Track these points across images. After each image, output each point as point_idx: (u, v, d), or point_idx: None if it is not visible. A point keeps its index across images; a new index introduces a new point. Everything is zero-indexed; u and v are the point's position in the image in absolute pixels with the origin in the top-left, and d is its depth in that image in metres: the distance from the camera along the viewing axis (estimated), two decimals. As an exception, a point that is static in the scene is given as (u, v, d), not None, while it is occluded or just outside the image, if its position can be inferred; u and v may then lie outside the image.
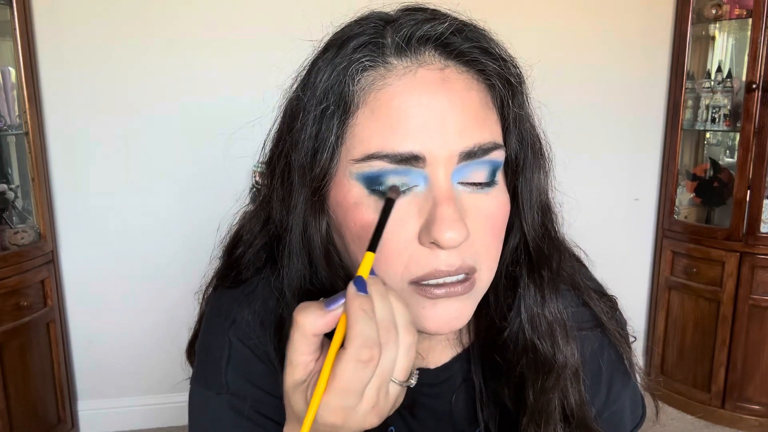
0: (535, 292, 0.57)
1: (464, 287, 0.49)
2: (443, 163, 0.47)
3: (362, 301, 0.42)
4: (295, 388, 0.43)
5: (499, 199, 0.51)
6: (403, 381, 0.45)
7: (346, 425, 0.43)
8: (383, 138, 0.47)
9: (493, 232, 0.51)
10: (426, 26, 0.49)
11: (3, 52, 2.01)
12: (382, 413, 0.44)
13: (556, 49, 2.37)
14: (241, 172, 2.05)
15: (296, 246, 0.53)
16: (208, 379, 0.59)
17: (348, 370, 0.41)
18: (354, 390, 0.41)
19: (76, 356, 2.25)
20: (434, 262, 0.48)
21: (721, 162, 2.51)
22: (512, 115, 0.52)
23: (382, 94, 0.47)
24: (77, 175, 2.15)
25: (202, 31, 2.14)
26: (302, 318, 0.42)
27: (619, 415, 0.65)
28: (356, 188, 0.49)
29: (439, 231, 0.46)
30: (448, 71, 0.49)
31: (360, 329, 0.41)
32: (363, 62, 0.48)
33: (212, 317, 0.61)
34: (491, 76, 0.50)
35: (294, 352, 0.43)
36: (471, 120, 0.48)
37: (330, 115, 0.48)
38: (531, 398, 0.57)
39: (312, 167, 0.50)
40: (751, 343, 2.27)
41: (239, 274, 0.61)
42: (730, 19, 2.34)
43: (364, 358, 0.41)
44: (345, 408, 0.42)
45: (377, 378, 0.42)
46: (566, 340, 0.57)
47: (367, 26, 0.50)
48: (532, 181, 0.55)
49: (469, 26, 0.51)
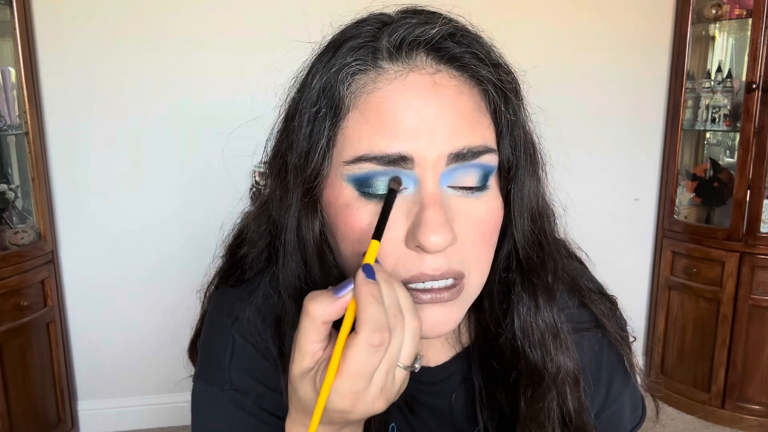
0: (528, 300, 0.57)
1: (451, 293, 0.49)
2: (431, 165, 0.47)
3: (371, 287, 0.42)
4: (302, 376, 0.44)
5: (490, 204, 0.51)
6: (408, 365, 0.45)
7: (355, 410, 0.43)
8: (372, 140, 0.47)
9: (483, 238, 0.51)
10: (418, 30, 0.49)
11: (3, 52, 2.01)
12: (389, 397, 0.45)
13: (556, 49, 2.38)
14: (240, 171, 2.05)
15: (291, 245, 0.53)
16: (211, 375, 0.59)
17: (360, 354, 0.41)
18: (364, 374, 0.42)
19: (76, 356, 2.25)
20: (420, 266, 0.48)
21: (721, 162, 2.51)
22: (505, 121, 0.52)
23: (372, 97, 0.48)
24: (77, 175, 2.15)
25: (203, 31, 2.14)
26: (312, 306, 0.43)
27: (618, 415, 0.65)
28: (347, 190, 0.49)
29: (423, 235, 0.46)
30: (439, 76, 0.48)
31: (371, 313, 0.41)
32: (354, 66, 0.48)
33: (215, 314, 0.61)
34: (484, 81, 0.50)
35: (303, 340, 0.43)
36: (461, 123, 0.48)
37: (322, 117, 0.49)
38: (523, 405, 0.57)
39: (305, 168, 0.50)
40: (751, 343, 2.27)
41: (243, 273, 0.61)
42: (730, 19, 2.34)
43: (375, 341, 0.41)
44: (355, 392, 0.42)
45: (386, 362, 0.43)
46: (559, 349, 0.57)
47: (364, 29, 0.50)
48: (524, 188, 0.54)
49: (461, 30, 0.50)
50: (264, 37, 2.12)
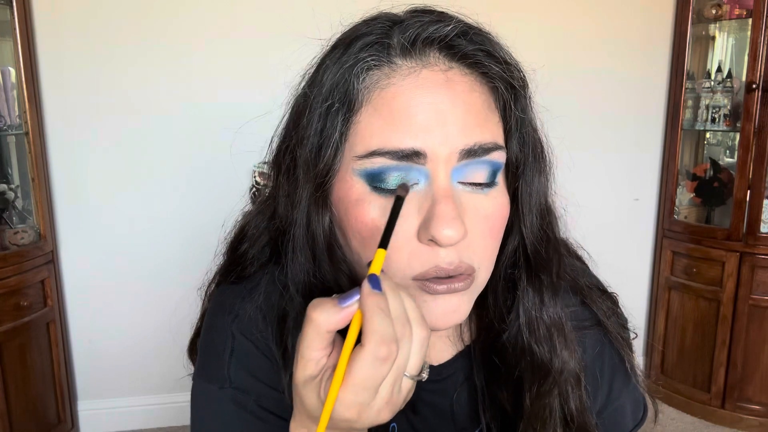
0: (533, 296, 0.57)
1: (465, 283, 0.50)
2: (444, 161, 0.48)
3: (377, 298, 0.42)
4: (306, 383, 0.43)
5: (498, 201, 0.51)
6: (416, 375, 0.45)
7: (361, 420, 0.43)
8: (385, 135, 0.47)
9: (491, 233, 0.51)
10: (431, 28, 0.49)
11: (3, 52, 2.01)
12: (395, 407, 0.45)
13: (556, 50, 2.38)
14: (241, 170, 2.05)
15: (300, 241, 0.53)
16: (211, 373, 0.59)
17: (365, 367, 0.41)
18: (370, 386, 0.42)
19: (76, 356, 2.25)
20: (434, 259, 0.48)
21: (721, 162, 2.51)
22: (514, 119, 0.53)
23: (386, 92, 0.48)
24: (77, 175, 2.15)
25: (202, 31, 2.14)
26: (316, 314, 0.42)
27: (620, 413, 0.65)
28: (359, 185, 0.49)
29: (437, 228, 0.46)
30: (452, 73, 0.49)
31: (377, 326, 0.41)
32: (368, 61, 0.49)
33: (215, 312, 0.61)
34: (494, 79, 0.51)
35: (306, 348, 0.43)
36: (472, 119, 0.49)
37: (335, 112, 0.49)
38: (527, 402, 0.58)
39: (316, 163, 0.50)
40: (751, 343, 2.27)
41: (243, 269, 0.61)
42: (730, 19, 2.34)
43: (381, 354, 0.41)
44: (360, 404, 0.42)
45: (392, 374, 0.43)
46: (564, 345, 0.58)
47: (375, 26, 0.51)
48: (532, 185, 0.55)
49: (474, 29, 0.51)
50: (266, 37, 2.13)
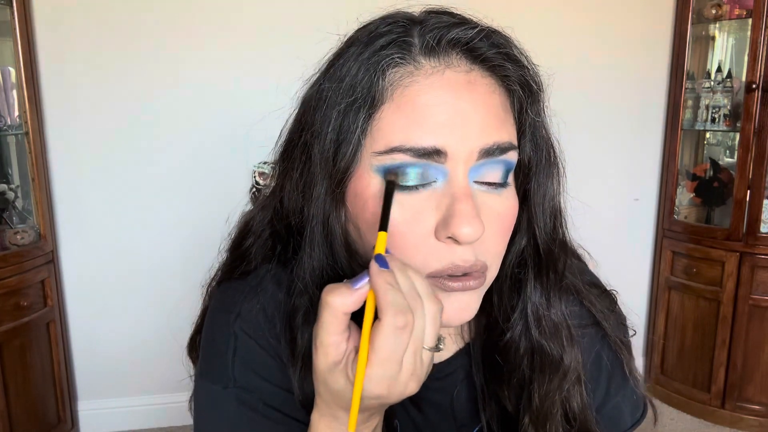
0: (541, 294, 0.58)
1: (478, 281, 0.51)
2: (463, 160, 0.48)
3: (387, 275, 0.44)
4: (331, 369, 0.45)
5: (510, 201, 0.53)
6: (433, 347, 0.46)
7: (390, 394, 0.44)
8: (407, 132, 0.48)
9: (502, 233, 0.53)
10: (456, 30, 0.50)
11: (3, 52, 2.01)
12: (419, 379, 0.46)
13: (556, 50, 2.37)
14: (241, 171, 2.05)
15: (318, 236, 0.54)
16: (214, 373, 0.58)
17: (387, 339, 0.42)
18: (394, 358, 0.43)
19: (76, 356, 2.25)
20: (451, 257, 0.49)
21: (721, 162, 2.51)
22: (528, 121, 0.54)
23: (409, 90, 0.49)
24: (77, 175, 2.15)
25: (202, 31, 2.14)
26: (332, 298, 0.44)
27: (619, 410, 0.66)
28: (376, 180, 0.50)
29: (457, 226, 0.47)
30: (473, 74, 0.50)
31: (391, 299, 0.43)
32: (394, 58, 0.49)
33: (217, 310, 0.61)
34: (513, 82, 0.52)
35: (325, 333, 0.44)
36: (492, 120, 0.50)
37: (357, 108, 0.50)
38: (536, 400, 0.58)
39: (335, 159, 0.51)
40: (751, 343, 2.27)
41: (248, 264, 0.61)
42: (730, 19, 2.34)
43: (399, 324, 0.42)
44: (388, 378, 0.43)
45: (412, 344, 0.44)
46: (570, 342, 0.59)
47: (395, 25, 0.51)
48: (545, 186, 0.57)
49: (497, 33, 0.52)
50: (267, 38, 2.13)
